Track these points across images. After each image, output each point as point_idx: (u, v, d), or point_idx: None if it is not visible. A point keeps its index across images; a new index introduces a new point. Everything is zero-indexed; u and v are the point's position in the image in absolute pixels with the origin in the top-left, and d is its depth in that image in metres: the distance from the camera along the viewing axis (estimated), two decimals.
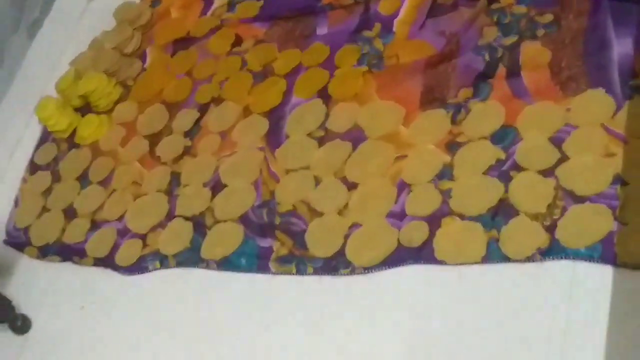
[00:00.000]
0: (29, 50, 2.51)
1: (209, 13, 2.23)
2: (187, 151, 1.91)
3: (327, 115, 1.76)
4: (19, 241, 2.02)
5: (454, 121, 1.58)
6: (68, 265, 1.87)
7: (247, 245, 1.61)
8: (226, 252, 1.63)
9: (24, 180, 2.17)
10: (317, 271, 1.49)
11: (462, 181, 1.48)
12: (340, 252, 1.48)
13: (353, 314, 1.40)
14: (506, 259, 1.33)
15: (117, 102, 2.17)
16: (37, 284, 1.89)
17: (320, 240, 1.53)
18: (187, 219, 1.74)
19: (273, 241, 1.59)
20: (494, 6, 1.75)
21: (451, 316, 1.32)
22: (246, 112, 1.89)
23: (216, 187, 1.77)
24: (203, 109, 1.98)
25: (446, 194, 1.46)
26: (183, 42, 2.20)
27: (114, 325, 1.71)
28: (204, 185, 1.79)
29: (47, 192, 2.08)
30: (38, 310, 1.82)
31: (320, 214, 1.57)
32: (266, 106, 1.85)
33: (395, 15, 1.86)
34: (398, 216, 1.48)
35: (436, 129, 1.59)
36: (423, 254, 1.41)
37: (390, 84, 1.74)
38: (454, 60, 1.69)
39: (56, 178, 2.10)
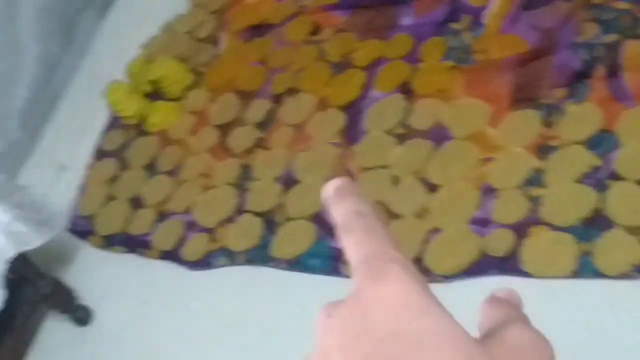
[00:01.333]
0: (99, 30, 2.54)
1: None
2: (259, 143, 1.92)
3: (408, 112, 1.74)
4: (82, 229, 2.05)
5: (546, 123, 1.55)
6: (132, 257, 1.90)
7: (319, 246, 1.61)
8: (297, 252, 1.63)
9: (90, 166, 2.21)
10: None
11: (554, 188, 1.45)
12: (418, 259, 1.47)
13: None
14: (599, 274, 1.31)
15: (188, 89, 2.19)
16: (100, 274, 1.92)
17: (397, 244, 1.50)
18: (257, 214, 1.75)
19: None
20: (594, 1, 1.70)
21: None
22: (322, 104, 1.89)
23: (289, 182, 1.77)
24: (277, 100, 1.99)
25: (535, 202, 1.44)
26: (259, 29, 2.21)
27: (176, 321, 1.72)
28: (276, 180, 1.80)
29: (114, 179, 2.11)
30: (100, 302, 1.85)
31: (398, 216, 1.56)
32: (344, 99, 1.85)
33: (486, 7, 1.82)
34: (482, 223, 1.46)
35: (526, 131, 1.56)
36: (508, 264, 1.39)
37: (478, 81, 1.71)
38: (548, 57, 1.66)
39: (123, 165, 2.13)
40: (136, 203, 2.01)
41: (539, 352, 0.33)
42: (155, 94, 2.24)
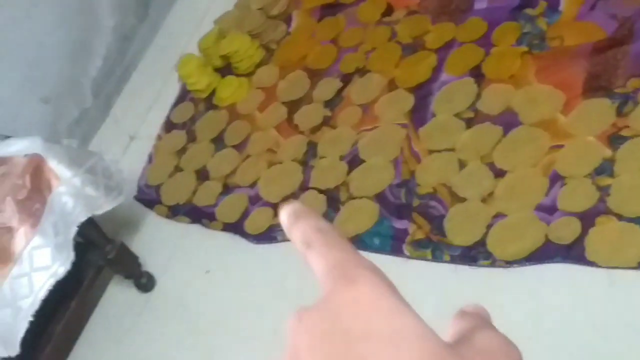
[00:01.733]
0: (173, 5, 2.59)
1: None
2: (326, 122, 1.94)
3: (478, 96, 1.74)
4: (149, 198, 2.10)
5: (619, 113, 1.53)
6: (197, 228, 1.94)
7: (381, 225, 1.63)
8: (359, 230, 1.64)
9: (159, 137, 2.26)
10: (455, 259, 1.49)
11: (624, 179, 1.43)
12: (481, 242, 1.47)
13: (488, 308, 1.39)
14: None
15: (258, 65, 2.23)
16: (165, 243, 1.97)
17: (461, 227, 1.52)
18: (321, 191, 1.77)
19: (409, 223, 1.60)
20: None
21: (598, 322, 1.28)
22: (391, 85, 1.90)
23: (353, 161, 1.79)
24: (346, 79, 2.01)
25: (604, 191, 1.42)
26: (331, 8, 2.23)
27: (237, 293, 1.74)
28: (341, 158, 1.82)
29: (181, 151, 2.16)
30: (163, 269, 1.90)
31: (463, 200, 1.56)
32: (413, 81, 1.85)
33: None
34: (548, 210, 1.45)
35: (598, 120, 1.54)
36: (572, 252, 1.38)
37: (551, 68, 1.69)
38: (625, 46, 1.63)
39: (191, 138, 2.17)
40: (202, 175, 2.05)
41: (508, 356, 0.33)
42: (225, 69, 2.28)
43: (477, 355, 0.33)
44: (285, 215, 0.38)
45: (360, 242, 1.63)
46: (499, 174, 1.57)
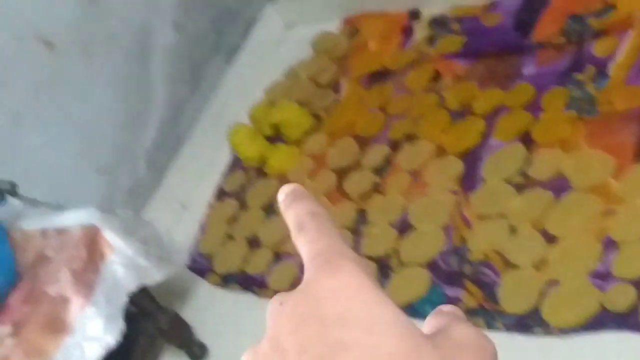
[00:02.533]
0: (225, 75, 2.68)
1: (408, 46, 2.30)
2: (375, 188, 1.98)
3: (528, 161, 1.76)
4: (201, 267, 2.17)
5: None
6: (249, 296, 1.99)
7: (433, 293, 1.64)
8: (411, 298, 1.66)
9: (211, 206, 2.33)
10: (508, 328, 1.49)
11: None
12: (535, 310, 1.48)
13: None
14: None
15: (307, 133, 2.29)
16: (217, 311, 2.03)
17: (514, 294, 1.53)
18: (371, 259, 1.79)
19: (461, 291, 1.61)
20: None
21: None
22: (440, 151, 1.93)
23: (404, 228, 1.81)
24: (395, 146, 2.05)
25: None
26: (379, 76, 2.29)
27: None
28: (391, 225, 1.84)
29: (233, 219, 2.23)
30: (216, 338, 1.95)
31: (515, 267, 1.57)
32: (462, 146, 1.88)
33: (611, 57, 1.83)
34: (602, 276, 1.46)
35: None
36: (629, 320, 1.38)
37: (601, 132, 1.71)
38: None
39: (243, 206, 2.24)
40: (254, 243, 2.11)
41: (483, 349, 0.34)
42: (275, 137, 2.35)
43: (453, 346, 0.34)
44: (283, 195, 0.40)
45: (412, 310, 1.63)
46: (551, 239, 1.58)
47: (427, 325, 0.37)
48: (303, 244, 0.37)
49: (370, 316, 0.32)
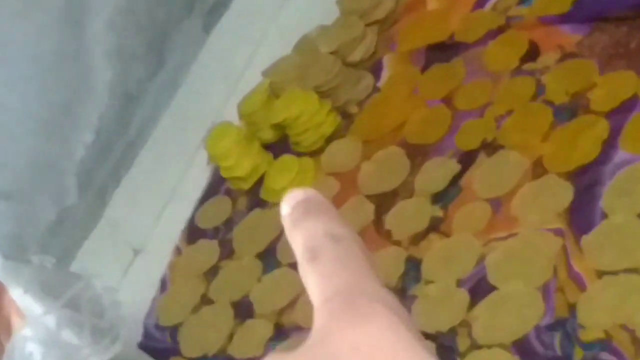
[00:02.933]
0: (202, 48, 2.74)
1: (487, 5, 2.33)
2: (435, 225, 1.99)
3: None
4: (161, 346, 2.22)
5: None
6: None
7: None
8: None
9: (178, 251, 2.38)
10: None
11: None
12: None
13: None
14: None
15: (330, 140, 2.32)
16: None
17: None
18: (428, 336, 1.79)
19: None
20: None
21: None
22: (537, 168, 1.92)
23: (478, 289, 1.80)
24: (466, 159, 2.06)
25: None
26: (442, 50, 2.33)
27: None
28: (459, 284, 1.84)
29: (212, 272, 2.27)
30: None
31: None
32: (572, 162, 1.88)
33: None
34: None
35: None
36: None
37: None
38: None
39: (227, 252, 2.28)
40: (243, 310, 2.16)
41: None
42: (280, 145, 2.40)
43: None
44: (289, 205, 0.45)
45: None
46: None
47: None
48: (315, 278, 0.42)
49: None
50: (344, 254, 0.42)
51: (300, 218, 0.45)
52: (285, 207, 0.46)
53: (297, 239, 0.44)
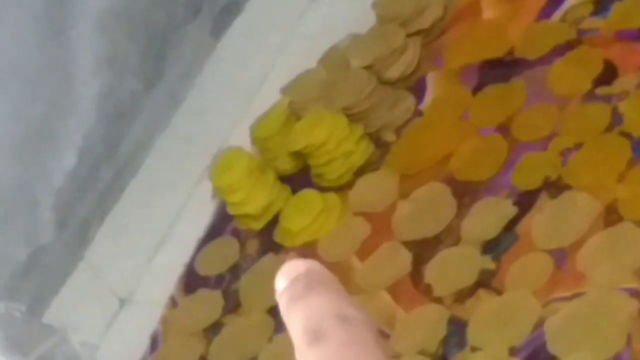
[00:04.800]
0: (209, 58, 2.69)
1: (555, 15, 2.28)
2: (485, 280, 1.91)
3: None
4: None
5: None
6: None
7: None
8: None
9: (173, 302, 2.33)
10: None
11: None
12: None
13: None
14: None
15: (360, 172, 2.25)
16: None
17: None
18: None
19: None
20: None
21: None
22: (611, 215, 1.83)
23: (536, 359, 1.74)
24: (525, 201, 1.98)
25: None
26: (499, 68, 2.26)
27: None
28: (513, 352, 1.76)
29: (213, 329, 2.23)
30: None
31: None
32: None
33: None
34: None
35: None
36: None
37: None
38: None
39: (232, 305, 2.23)
40: None
41: None
42: (300, 178, 2.33)
43: None
44: (287, 279, 0.44)
45: None
46: None
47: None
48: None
49: None
50: (354, 338, 0.40)
51: (301, 294, 0.42)
52: (282, 281, 0.44)
53: (296, 319, 0.42)
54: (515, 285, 1.84)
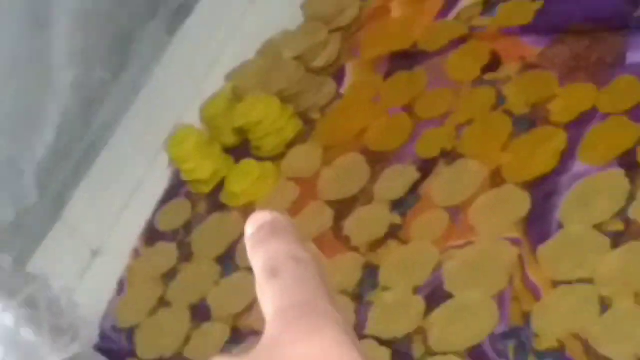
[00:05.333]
0: (166, 51, 2.78)
1: (451, 15, 2.42)
2: (393, 232, 2.06)
3: (631, 198, 1.83)
4: (118, 348, 2.29)
5: None
6: None
7: None
8: None
9: (136, 253, 2.45)
10: None
11: None
12: None
13: None
14: None
15: (291, 145, 2.39)
16: None
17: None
18: (382, 342, 1.84)
19: None
20: None
21: None
22: (496, 178, 2.00)
23: (435, 296, 1.86)
24: (426, 168, 2.14)
25: None
26: (405, 58, 2.40)
27: None
28: (416, 291, 1.90)
29: (170, 275, 2.34)
30: None
31: None
32: (530, 172, 1.95)
33: None
34: None
35: None
36: None
37: None
38: None
39: (185, 254, 2.35)
40: (200, 313, 2.22)
41: None
42: (241, 150, 2.47)
43: None
44: (254, 226, 0.47)
45: None
46: None
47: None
48: (272, 293, 0.43)
49: None
50: (304, 274, 0.44)
51: (264, 239, 0.46)
52: (250, 227, 0.47)
53: (259, 259, 0.46)
54: (418, 237, 2.03)
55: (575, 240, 1.79)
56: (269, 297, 0.44)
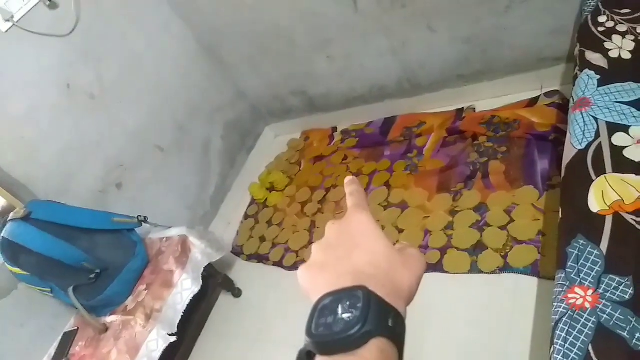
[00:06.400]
0: (247, 161, 4.78)
1: (332, 144, 4.69)
2: (320, 210, 4.32)
3: (388, 196, 4.03)
4: (237, 252, 4.67)
5: (454, 200, 3.78)
6: (260, 265, 4.49)
7: None
8: None
9: (242, 222, 4.78)
10: None
11: (458, 231, 3.63)
12: None
13: None
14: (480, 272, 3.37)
15: (286, 186, 4.63)
16: (246, 272, 4.46)
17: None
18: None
19: None
20: (475, 143, 4.45)
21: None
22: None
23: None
24: (328, 190, 4.33)
25: (449, 237, 3.60)
26: (319, 158, 4.65)
27: (285, 304, 3.95)
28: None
29: (252, 228, 4.77)
30: (246, 285, 4.40)
31: None
32: None
33: (424, 146, 4.32)
34: (422, 248, 3.29)
35: (444, 204, 3.87)
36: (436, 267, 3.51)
37: (421, 180, 4.13)
38: (454, 169, 4.08)
39: (256, 222, 4.78)
40: (262, 239, 4.44)
41: (422, 260, 1.16)
42: (271, 188, 4.61)
43: (407, 254, 1.14)
44: (349, 179, 1.20)
45: None
46: (401, 231, 3.49)
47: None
48: (350, 199, 1.16)
49: (371, 235, 1.11)
50: (359, 194, 0.99)
51: (350, 183, 1.00)
52: (347, 179, 0.95)
53: (348, 188, 0.98)
54: (328, 211, 4.26)
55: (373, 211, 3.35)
56: (349, 200, 1.02)
